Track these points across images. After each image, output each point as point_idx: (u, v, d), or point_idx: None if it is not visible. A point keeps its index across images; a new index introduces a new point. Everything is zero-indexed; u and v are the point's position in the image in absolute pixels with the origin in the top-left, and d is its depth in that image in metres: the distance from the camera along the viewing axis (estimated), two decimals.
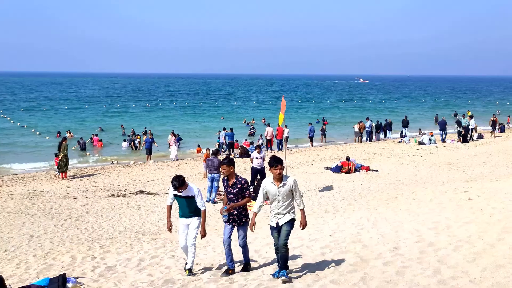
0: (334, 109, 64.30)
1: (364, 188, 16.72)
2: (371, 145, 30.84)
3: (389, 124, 35.18)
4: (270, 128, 29.17)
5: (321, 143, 32.66)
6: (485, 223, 9.76)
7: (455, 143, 30.28)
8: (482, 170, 19.70)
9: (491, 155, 24.28)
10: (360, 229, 10.34)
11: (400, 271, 7.18)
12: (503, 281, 6.36)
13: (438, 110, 57.99)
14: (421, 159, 23.52)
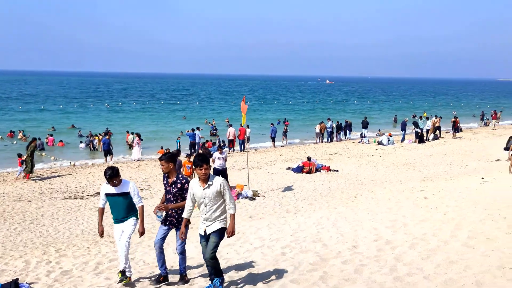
0: (296, 110, 64.73)
1: (324, 188, 16.92)
2: (332, 145, 31.24)
3: (349, 125, 35.73)
4: (232, 128, 29.14)
5: (282, 144, 32.85)
6: (440, 221, 10.05)
7: (412, 143, 31.03)
8: (438, 170, 20.26)
9: (446, 155, 25.00)
10: (321, 229, 10.46)
11: (358, 269, 7.31)
12: (455, 277, 6.56)
13: (397, 111, 59.29)
14: (380, 159, 23.99)
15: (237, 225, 11.63)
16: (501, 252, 7.49)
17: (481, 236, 8.61)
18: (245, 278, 7.37)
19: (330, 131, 34.00)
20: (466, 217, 10.20)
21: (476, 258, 7.31)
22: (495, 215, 10.14)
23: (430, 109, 61.44)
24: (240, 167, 21.85)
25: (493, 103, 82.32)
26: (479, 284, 6.25)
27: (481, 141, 31.50)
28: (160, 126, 44.62)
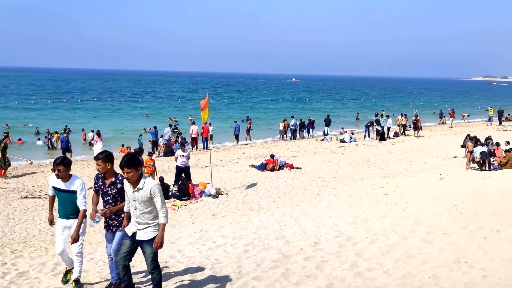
0: (260, 108, 64.84)
1: (287, 185, 17.00)
2: (295, 143, 31.44)
3: (312, 122, 36.03)
4: (195, 126, 28.90)
5: (246, 142, 32.87)
6: (399, 217, 10.26)
7: (374, 141, 31.57)
8: (398, 167, 20.68)
9: (406, 152, 25.55)
10: (283, 226, 10.50)
11: (320, 266, 7.38)
12: (413, 271, 6.71)
13: (359, 109, 60.24)
14: (342, 157, 24.29)
15: (201, 223, 11.63)
16: (457, 246, 7.71)
17: (439, 231, 8.84)
18: (208, 277, 7.32)
19: (293, 129, 34.21)
20: (425, 213, 10.46)
21: (433, 253, 7.50)
22: (451, 211, 10.44)
23: (392, 108, 62.71)
24: (203, 165, 21.74)
25: (451, 102, 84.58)
26: (436, 277, 6.41)
27: (439, 138, 32.34)
28: (121, 124, 43.88)
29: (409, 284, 6.29)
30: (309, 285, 6.59)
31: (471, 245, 7.73)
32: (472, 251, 7.41)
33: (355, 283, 6.52)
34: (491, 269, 6.53)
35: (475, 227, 8.85)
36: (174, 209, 13.88)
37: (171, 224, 11.92)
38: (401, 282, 6.36)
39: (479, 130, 35.75)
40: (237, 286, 6.82)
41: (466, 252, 7.36)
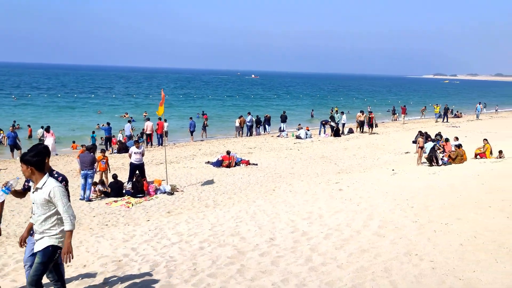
0: (216, 104, 64.56)
1: (244, 182, 17.01)
2: (252, 139, 31.50)
3: (268, 119, 36.17)
4: (149, 122, 28.43)
5: (202, 138, 32.66)
6: (353, 212, 10.44)
7: (329, 137, 32.01)
8: (352, 162, 21.05)
9: (360, 148, 26.04)
10: (239, 222, 10.49)
11: (275, 261, 7.40)
12: (366, 265, 6.84)
13: (314, 106, 60.88)
14: (298, 153, 24.51)
15: (155, 220, 11.46)
16: (408, 240, 7.91)
17: (391, 225, 9.05)
18: (162, 274, 7.22)
19: (249, 125, 34.25)
20: (378, 207, 10.68)
21: (385, 246, 7.66)
22: (403, 205, 10.71)
23: (347, 105, 63.80)
24: (158, 162, 21.46)
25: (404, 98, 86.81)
26: (387, 270, 6.55)
27: (392, 135, 33.13)
28: (73, 119, 42.66)
29: (362, 277, 6.40)
30: (264, 280, 6.60)
31: (421, 238, 7.95)
32: (422, 244, 7.61)
33: (309, 277, 6.58)
34: (439, 261, 6.72)
35: (425, 221, 9.10)
36: (128, 207, 13.64)
37: (125, 222, 11.72)
38: (354, 276, 6.46)
39: (430, 126, 36.89)
40: (192, 283, 6.75)
41: (417, 245, 7.55)
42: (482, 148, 19.51)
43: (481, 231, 8.06)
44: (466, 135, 29.86)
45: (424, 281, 6.08)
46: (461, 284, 5.86)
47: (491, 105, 60.77)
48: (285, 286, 6.37)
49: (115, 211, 13.20)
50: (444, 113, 44.01)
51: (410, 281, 6.12)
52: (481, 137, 24.19)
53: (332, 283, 6.30)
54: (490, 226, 8.30)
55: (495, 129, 34.65)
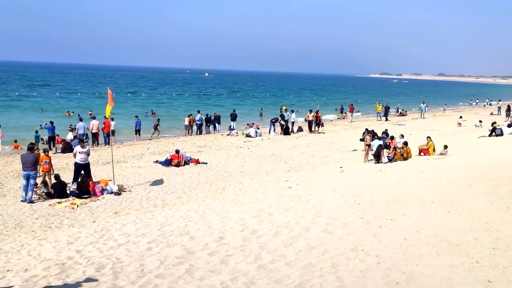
0: (165, 102, 63.66)
1: (193, 181, 16.86)
2: (201, 138, 31.27)
3: (218, 117, 36.02)
4: (95, 121, 27.57)
5: (151, 137, 32.12)
6: (302, 209, 10.55)
7: (278, 135, 32.25)
8: (301, 160, 21.28)
9: (309, 146, 26.37)
10: (188, 222, 10.40)
11: (224, 260, 7.38)
12: (314, 261, 6.92)
13: (264, 104, 61.15)
14: (248, 151, 24.53)
15: (102, 221, 11.17)
16: (354, 236, 8.06)
17: (338, 221, 9.20)
18: (108, 277, 7.05)
19: (199, 124, 33.98)
20: (326, 205, 10.84)
21: (333, 242, 7.78)
22: (350, 202, 10.91)
23: (297, 103, 64.44)
24: (105, 161, 20.90)
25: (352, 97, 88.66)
26: (335, 266, 6.65)
27: (340, 133, 33.74)
28: (14, 118, 40.87)
29: (310, 273, 6.47)
30: (213, 280, 6.56)
31: (368, 234, 8.12)
32: (368, 239, 7.78)
33: (258, 275, 6.59)
34: (385, 255, 6.89)
35: (371, 217, 9.30)
36: (73, 208, 13.22)
37: (70, 224, 11.36)
38: (302, 273, 6.52)
39: (377, 124, 37.83)
40: (139, 285, 6.63)
41: (363, 241, 7.71)
42: (425, 145, 20.19)
43: (424, 226, 8.32)
44: (411, 133, 30.84)
45: (370, 275, 6.21)
46: (405, 277, 6.03)
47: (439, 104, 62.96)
48: (234, 285, 6.35)
49: (59, 213, 12.77)
50: (385, 112, 45.17)
51: (356, 276, 6.23)
52: (425, 135, 25.05)
53: (280, 280, 6.33)
54: (432, 221, 8.59)
55: (438, 127, 35.97)
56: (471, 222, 8.30)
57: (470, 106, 72.12)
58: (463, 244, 7.15)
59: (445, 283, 5.77)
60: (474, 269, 6.12)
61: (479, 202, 9.71)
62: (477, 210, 9.11)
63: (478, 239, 7.29)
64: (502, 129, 26.58)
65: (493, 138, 24.92)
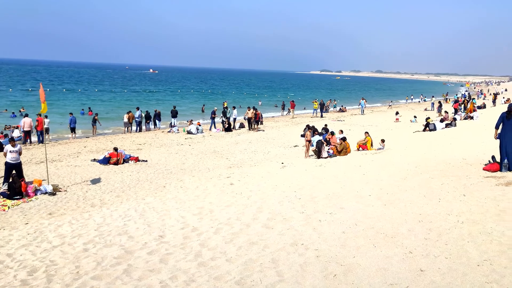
0: (103, 99, 61.88)
1: (133, 179, 16.50)
2: (141, 135, 30.70)
3: (158, 114, 35.48)
4: (27, 118, 26.40)
5: (94, 134, 31.14)
6: (243, 205, 10.54)
7: (220, 132, 32.17)
8: (243, 157, 21.30)
9: (251, 142, 26.46)
10: (127, 221, 10.16)
11: (164, 259, 7.24)
12: (255, 257, 6.92)
13: (205, 100, 60.79)
14: (189, 148, 24.31)
15: (35, 223, 10.69)
16: (294, 230, 8.13)
17: (279, 216, 9.25)
18: (41, 280, 6.75)
19: (138, 121, 33.32)
20: (267, 200, 10.88)
21: (273, 238, 7.81)
22: (291, 197, 11.01)
23: (239, 100, 64.55)
24: (39, 161, 20.05)
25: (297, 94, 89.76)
26: (274, 261, 6.68)
27: (282, 129, 34.08)
28: None
29: (250, 269, 6.46)
30: (152, 279, 6.42)
31: (307, 228, 8.21)
32: (308, 233, 7.86)
33: (198, 273, 6.51)
34: (323, 249, 6.99)
35: (311, 211, 9.42)
36: (4, 210, 12.58)
37: (0, 227, 10.80)
38: (242, 268, 6.50)
39: (317, 120, 38.52)
40: (75, 287, 6.38)
41: (303, 235, 7.78)
42: (363, 140, 20.75)
43: (361, 218, 8.51)
44: (350, 128, 31.62)
45: (309, 269, 6.27)
46: (342, 270, 6.13)
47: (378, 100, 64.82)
48: (173, 283, 6.24)
49: None
50: (320, 109, 46.01)
51: (295, 270, 6.28)
52: (364, 130, 25.77)
53: (220, 277, 6.29)
54: (369, 214, 8.80)
55: (376, 123, 37.08)
56: (405, 214, 8.57)
57: (406, 102, 74.87)
58: (398, 235, 7.36)
59: (380, 274, 5.92)
60: (407, 259, 6.31)
61: (413, 195, 10.05)
62: (411, 202, 9.41)
63: (412, 230, 7.53)
64: (435, 124, 27.74)
65: (427, 133, 25.97)
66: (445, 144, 19.53)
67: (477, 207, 8.56)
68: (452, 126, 27.76)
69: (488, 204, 8.64)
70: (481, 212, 8.18)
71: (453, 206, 8.78)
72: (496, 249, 6.39)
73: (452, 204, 8.91)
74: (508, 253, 6.19)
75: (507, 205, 8.43)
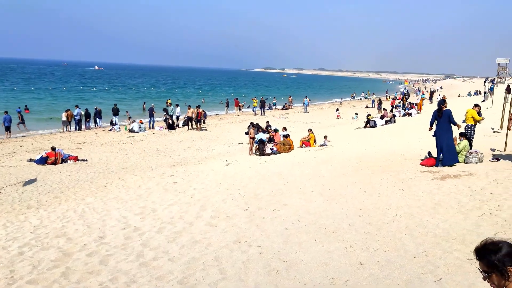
0: (40, 96, 59.44)
1: (72, 179, 15.98)
2: (81, 134, 29.79)
3: (99, 112, 34.52)
4: None
5: (23, 134, 29.86)
6: (187, 204, 10.45)
7: (163, 130, 31.72)
8: (187, 155, 21.12)
9: (195, 140, 26.27)
10: (66, 222, 9.84)
11: (104, 260, 7.07)
12: (197, 256, 6.87)
13: (145, 98, 59.72)
14: (131, 147, 23.83)
15: None
16: (238, 228, 8.14)
17: (223, 214, 9.24)
18: None
19: (78, 119, 32.28)
20: (211, 198, 10.84)
21: (217, 236, 7.79)
22: (235, 194, 11.02)
23: (182, 97, 63.85)
24: None
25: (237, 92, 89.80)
26: (218, 259, 6.66)
27: (226, 126, 34.03)
28: None
29: (193, 268, 6.41)
30: (91, 281, 6.25)
31: (251, 225, 8.24)
32: (251, 230, 7.89)
33: (139, 273, 6.39)
34: (266, 245, 7.03)
35: (255, 208, 9.46)
36: None
37: None
38: (185, 268, 6.44)
39: (261, 117, 38.72)
40: None
41: (246, 232, 7.81)
42: (307, 137, 21.06)
43: (304, 214, 8.63)
44: (293, 125, 32.01)
45: (252, 266, 6.29)
46: (285, 265, 6.19)
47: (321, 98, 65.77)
48: (113, 285, 6.10)
49: None
50: (261, 106, 46.00)
51: (238, 267, 6.29)
52: (307, 127, 26.16)
53: (162, 277, 6.20)
54: (311, 210, 8.93)
55: (319, 120, 37.74)
56: (346, 209, 8.76)
57: (349, 99, 76.64)
58: (339, 230, 7.52)
59: (321, 268, 6.02)
60: (348, 253, 6.46)
61: (354, 190, 10.29)
62: (352, 197, 9.63)
63: (353, 225, 7.71)
64: (375, 121, 28.54)
65: (367, 130, 26.68)
66: (385, 140, 20.15)
67: (414, 201, 8.87)
68: (392, 122, 28.67)
69: (425, 198, 8.98)
70: (418, 206, 8.49)
71: (392, 200, 9.06)
72: (431, 241, 6.64)
73: (391, 199, 9.19)
74: (442, 245, 6.45)
75: (441, 199, 8.79)
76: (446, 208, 8.14)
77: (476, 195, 8.75)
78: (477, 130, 15.61)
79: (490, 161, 12.27)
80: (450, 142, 12.26)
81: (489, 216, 7.42)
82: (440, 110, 12.44)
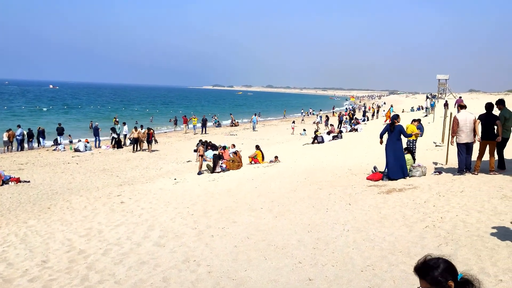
0: None
1: (14, 201, 15.34)
2: (23, 154, 28.73)
3: (42, 131, 33.45)
4: None
5: None
6: (134, 224, 10.25)
7: (110, 149, 31.07)
8: (135, 174, 20.75)
9: (143, 159, 25.89)
10: (6, 247, 9.41)
11: (47, 285, 6.82)
12: (145, 277, 6.73)
13: (92, 117, 58.41)
14: (77, 167, 23.20)
15: None
16: (187, 247, 8.05)
17: (171, 233, 9.11)
18: None
19: (20, 139, 31.14)
20: (159, 217, 10.67)
21: (165, 256, 7.67)
22: (184, 213, 10.91)
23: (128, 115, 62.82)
24: None
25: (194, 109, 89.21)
26: (166, 279, 6.55)
27: (175, 144, 33.74)
28: None
29: None
30: None
31: (200, 244, 8.17)
32: (200, 249, 7.82)
33: None
34: (216, 264, 6.98)
35: (204, 227, 9.40)
36: None
37: None
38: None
39: (212, 135, 38.66)
40: None
41: (195, 251, 7.73)
42: (253, 154, 21.17)
43: (253, 231, 8.65)
44: (242, 142, 32.13)
45: (200, 285, 6.23)
46: (234, 284, 6.17)
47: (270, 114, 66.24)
48: None
49: None
50: (203, 124, 45.40)
51: (187, 287, 6.21)
52: (256, 144, 26.30)
53: None
54: (261, 226, 8.96)
55: (268, 137, 38.05)
56: (295, 224, 8.85)
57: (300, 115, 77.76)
58: (288, 246, 7.57)
59: (270, 286, 6.04)
60: (297, 269, 6.51)
61: (302, 206, 10.41)
62: (301, 213, 9.74)
63: (301, 241, 7.79)
64: (323, 136, 29.10)
65: (315, 145, 27.14)
66: (332, 155, 20.55)
67: (361, 215, 9.07)
68: (339, 138, 29.31)
69: (371, 212, 9.20)
70: (365, 220, 8.68)
71: (340, 215, 9.23)
72: (378, 255, 6.80)
73: (338, 213, 9.36)
74: (389, 258, 6.61)
75: (387, 212, 9.04)
76: (391, 222, 8.36)
77: (420, 207, 9.05)
78: (419, 145, 16.19)
79: (432, 174, 12.73)
80: (399, 154, 12.69)
81: (433, 228, 7.69)
82: (393, 124, 12.90)
